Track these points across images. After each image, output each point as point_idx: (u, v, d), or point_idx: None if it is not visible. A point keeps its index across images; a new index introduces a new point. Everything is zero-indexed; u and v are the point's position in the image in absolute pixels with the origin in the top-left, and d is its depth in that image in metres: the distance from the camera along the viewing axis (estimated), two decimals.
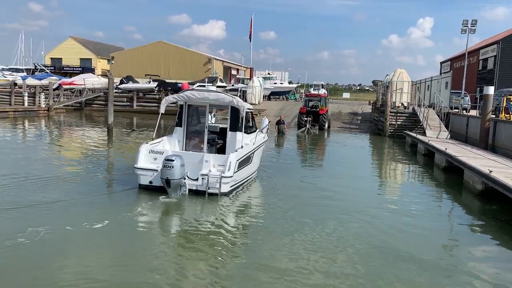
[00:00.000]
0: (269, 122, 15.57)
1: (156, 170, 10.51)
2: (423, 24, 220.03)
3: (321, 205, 10.50)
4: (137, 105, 40.18)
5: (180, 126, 12.38)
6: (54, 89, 38.74)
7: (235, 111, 12.01)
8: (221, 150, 12.36)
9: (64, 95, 38.95)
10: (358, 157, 20.45)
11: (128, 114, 37.64)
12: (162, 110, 12.19)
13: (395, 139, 27.02)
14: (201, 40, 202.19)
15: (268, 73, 64.70)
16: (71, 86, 41.23)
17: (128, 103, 40.34)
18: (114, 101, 24.97)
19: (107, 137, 21.09)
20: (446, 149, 16.50)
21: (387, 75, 36.72)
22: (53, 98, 37.19)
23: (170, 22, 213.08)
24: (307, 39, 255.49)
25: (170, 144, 12.15)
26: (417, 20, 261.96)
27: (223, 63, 58.78)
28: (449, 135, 23.56)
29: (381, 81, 40.89)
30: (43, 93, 37.80)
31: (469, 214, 10.84)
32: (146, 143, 11.47)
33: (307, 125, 29.03)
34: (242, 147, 11.58)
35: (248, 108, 12.73)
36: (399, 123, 28.91)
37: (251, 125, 13.24)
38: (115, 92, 39.69)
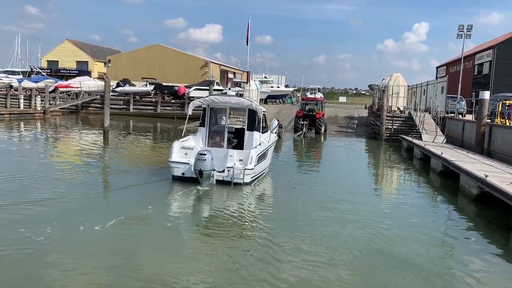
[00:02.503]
0: (278, 123, 17.17)
1: (188, 163, 12.25)
2: (418, 29, 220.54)
3: (318, 209, 10.52)
4: (133, 108, 40.12)
5: (203, 126, 14.02)
6: (50, 92, 38.62)
7: (252, 113, 13.70)
8: (236, 148, 13.70)
9: (60, 98, 38.85)
10: (354, 161, 20.47)
11: (124, 117, 37.57)
12: (189, 112, 14.12)
13: (391, 143, 27.07)
14: (197, 44, 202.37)
15: (265, 77, 64.80)
16: (67, 89, 41.15)
17: (125, 106, 40.27)
18: (111, 104, 24.91)
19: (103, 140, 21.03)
20: (442, 153, 16.54)
21: (383, 79, 36.85)
22: (49, 101, 37.08)
23: (167, 26, 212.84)
24: (303, 44, 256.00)
25: (195, 142, 13.69)
26: (412, 25, 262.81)
27: (220, 66, 58.79)
28: (445, 140, 23.64)
29: (377, 85, 40.99)
30: (39, 96, 37.71)
31: (464, 219, 10.86)
32: (177, 140, 13.18)
33: (304, 129, 29.06)
34: (260, 144, 13.34)
35: (263, 111, 14.21)
36: (395, 127, 28.99)
37: (264, 125, 14.76)
38: (112, 95, 39.63)
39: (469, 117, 26.36)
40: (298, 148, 24.41)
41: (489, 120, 20.39)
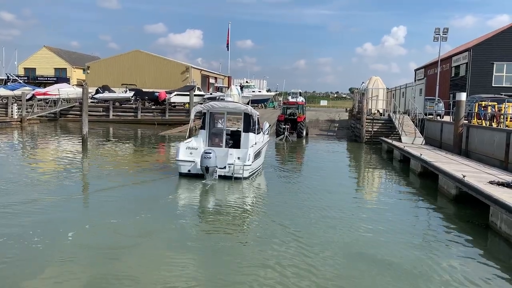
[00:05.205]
0: (269, 125, 18.69)
1: (193, 162, 13.87)
2: (396, 32, 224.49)
3: (303, 208, 10.79)
4: (113, 115, 39.62)
5: (204, 129, 15.48)
6: (27, 100, 37.90)
7: (248, 116, 15.24)
8: (232, 148, 14.98)
9: (38, 106, 38.14)
10: (336, 164, 20.55)
11: (104, 124, 37.07)
12: (192, 116, 16.46)
13: (372, 146, 27.33)
14: (178, 49, 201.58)
15: (246, 81, 64.89)
16: (45, 97, 40.41)
17: (104, 113, 39.76)
18: (90, 111, 24.58)
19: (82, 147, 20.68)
20: (421, 154, 16.75)
21: (363, 82, 37.23)
22: (26, 109, 36.38)
23: (146, 31, 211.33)
24: (284, 48, 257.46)
25: (197, 143, 14.96)
26: (390, 29, 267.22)
27: (201, 71, 58.60)
28: (424, 141, 23.97)
29: (357, 89, 41.43)
30: (16, 104, 36.95)
31: (444, 219, 10.97)
32: (183, 142, 14.88)
33: (286, 133, 29.12)
34: (256, 143, 15.07)
35: (257, 115, 15.75)
36: (375, 129, 29.28)
37: (258, 127, 16.20)
38: (91, 102, 39.10)
39: (447, 118, 26.78)
40: (280, 151, 24.41)
41: (466, 121, 20.73)
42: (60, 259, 7.20)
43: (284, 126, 29.52)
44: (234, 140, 15.66)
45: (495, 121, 19.23)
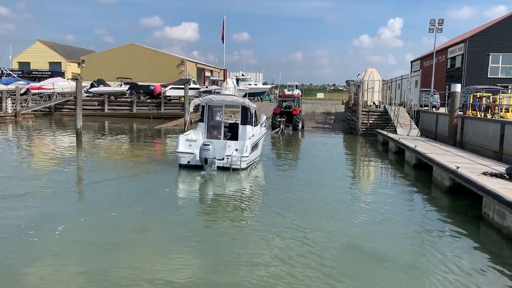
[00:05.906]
0: (266, 118, 19.30)
1: (192, 153, 14.25)
2: (393, 24, 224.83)
3: (298, 197, 11.12)
4: (108, 109, 39.42)
5: (202, 121, 15.82)
6: (21, 94, 37.60)
7: (245, 109, 15.60)
8: (230, 140, 15.30)
9: (32, 100, 37.90)
10: (331, 156, 20.56)
11: (99, 118, 36.91)
12: (191, 109, 17.16)
13: (368, 138, 27.33)
14: (174, 42, 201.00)
15: (242, 74, 64.72)
16: (40, 91, 40.12)
17: (99, 107, 39.54)
18: (85, 105, 24.48)
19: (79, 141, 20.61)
20: (415, 146, 16.77)
21: (359, 74, 37.19)
22: (21, 103, 36.15)
23: (142, 24, 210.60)
24: (280, 41, 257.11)
25: (196, 135, 15.32)
26: (387, 21, 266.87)
27: (197, 64, 58.36)
28: (419, 133, 24.00)
29: (353, 81, 41.39)
30: (10, 98, 36.71)
31: (438, 210, 11.00)
32: (182, 134, 15.23)
33: (281, 126, 29.08)
34: (253, 135, 15.44)
35: (254, 107, 16.27)
36: (371, 121, 29.28)
37: (255, 120, 16.72)
38: (86, 96, 38.89)
39: (442, 110, 26.79)
40: (276, 144, 24.40)
41: (461, 113, 20.75)
42: (55, 253, 7.19)
43: (279, 119, 29.46)
44: (232, 133, 15.96)
45: (489, 112, 19.25)
